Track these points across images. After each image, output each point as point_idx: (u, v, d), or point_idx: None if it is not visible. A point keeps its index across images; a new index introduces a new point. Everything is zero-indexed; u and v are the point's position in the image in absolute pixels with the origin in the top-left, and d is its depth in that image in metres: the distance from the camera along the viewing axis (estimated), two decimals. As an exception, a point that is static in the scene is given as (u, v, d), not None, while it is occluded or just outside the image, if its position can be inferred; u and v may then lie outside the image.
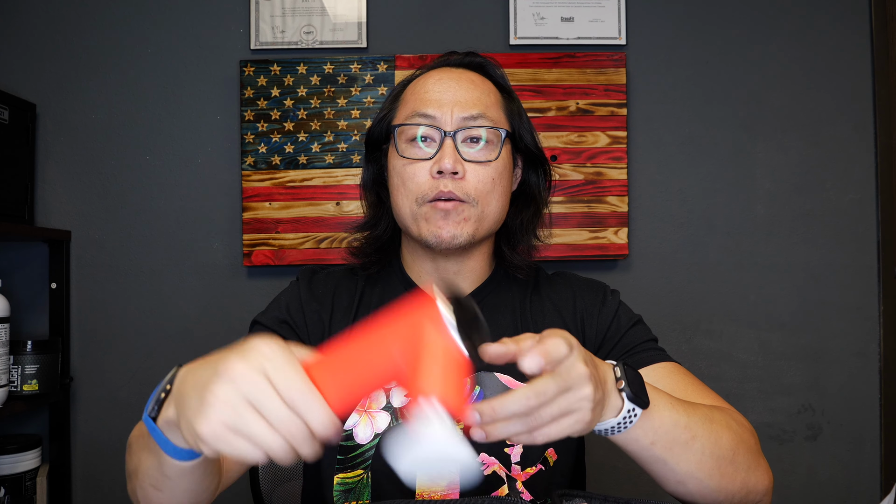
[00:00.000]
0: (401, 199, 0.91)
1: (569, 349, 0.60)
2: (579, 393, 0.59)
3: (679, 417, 0.69)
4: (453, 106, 0.89)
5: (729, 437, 0.73)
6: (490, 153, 0.90)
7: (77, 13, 1.85)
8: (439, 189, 0.87)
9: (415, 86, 0.94)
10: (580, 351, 0.61)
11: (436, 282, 0.96)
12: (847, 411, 1.85)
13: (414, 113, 0.90)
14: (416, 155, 0.90)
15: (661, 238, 1.87)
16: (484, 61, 0.97)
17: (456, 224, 0.88)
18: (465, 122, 0.89)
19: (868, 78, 1.88)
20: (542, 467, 0.88)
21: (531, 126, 0.98)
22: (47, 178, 1.83)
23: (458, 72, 0.94)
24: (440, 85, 0.91)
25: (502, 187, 0.92)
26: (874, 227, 1.87)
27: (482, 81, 0.94)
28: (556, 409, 0.58)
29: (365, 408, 0.88)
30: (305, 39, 1.86)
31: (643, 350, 0.90)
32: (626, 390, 0.65)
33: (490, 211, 0.90)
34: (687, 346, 1.86)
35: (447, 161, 0.86)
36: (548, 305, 0.96)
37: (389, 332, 0.53)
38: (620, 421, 0.65)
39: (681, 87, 1.88)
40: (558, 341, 0.60)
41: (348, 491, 0.87)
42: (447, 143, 0.88)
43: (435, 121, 0.89)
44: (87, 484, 1.82)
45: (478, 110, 0.90)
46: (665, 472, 0.70)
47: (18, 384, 1.61)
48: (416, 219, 0.90)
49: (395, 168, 0.92)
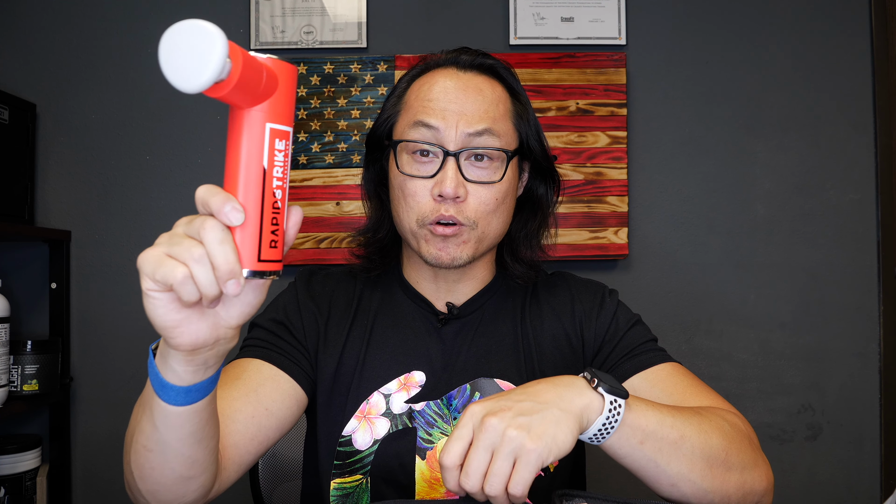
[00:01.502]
0: (402, 213, 0.88)
1: (467, 416, 0.64)
2: (491, 430, 0.61)
3: (664, 417, 0.69)
4: (458, 119, 0.85)
5: (720, 437, 0.72)
6: (494, 173, 0.86)
7: (77, 13, 1.85)
8: (440, 213, 0.85)
9: (419, 88, 0.90)
10: (485, 402, 0.65)
11: (435, 290, 0.95)
12: (847, 411, 1.85)
13: (417, 121, 0.86)
14: (418, 172, 0.86)
15: (661, 238, 1.87)
16: (495, 63, 0.91)
17: (456, 247, 0.86)
18: (469, 140, 0.85)
19: (868, 78, 1.88)
20: (542, 474, 0.88)
21: (540, 133, 0.94)
22: (47, 178, 1.83)
23: (467, 77, 0.89)
24: (446, 94, 0.87)
25: (506, 206, 0.89)
26: (874, 227, 1.87)
27: (491, 88, 0.89)
28: (482, 455, 0.61)
29: (364, 414, 0.87)
30: (305, 39, 1.86)
31: (642, 352, 0.89)
32: (602, 386, 0.66)
33: (491, 230, 0.89)
34: (687, 346, 1.86)
35: (448, 186, 0.83)
36: (546, 310, 0.95)
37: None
38: (607, 416, 0.65)
39: (681, 87, 1.88)
40: (452, 438, 0.64)
41: (346, 496, 0.87)
42: (449, 163, 0.84)
43: (437, 133, 0.85)
44: (87, 484, 1.82)
45: (484, 125, 0.85)
46: (657, 475, 0.70)
47: (18, 384, 1.61)
48: (415, 237, 0.88)
49: (396, 180, 0.89)
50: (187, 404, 0.58)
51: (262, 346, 0.87)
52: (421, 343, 0.91)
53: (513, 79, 0.93)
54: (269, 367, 0.85)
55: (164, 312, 0.51)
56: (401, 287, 0.97)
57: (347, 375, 0.89)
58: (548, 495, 0.88)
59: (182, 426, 0.60)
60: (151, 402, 0.59)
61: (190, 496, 0.67)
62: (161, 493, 0.65)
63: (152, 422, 0.60)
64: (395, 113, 0.92)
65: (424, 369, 0.89)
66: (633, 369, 0.87)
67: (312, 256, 1.81)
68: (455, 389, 0.89)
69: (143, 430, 0.61)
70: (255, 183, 0.50)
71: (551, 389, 0.66)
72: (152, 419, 0.60)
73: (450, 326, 0.93)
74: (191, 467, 0.64)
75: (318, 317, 0.92)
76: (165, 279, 0.49)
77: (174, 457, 0.62)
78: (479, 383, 0.89)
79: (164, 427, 0.60)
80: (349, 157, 1.83)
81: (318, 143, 1.83)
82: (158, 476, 0.64)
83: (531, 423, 0.62)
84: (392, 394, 0.88)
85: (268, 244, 0.51)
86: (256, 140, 0.50)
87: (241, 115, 0.49)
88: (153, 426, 0.60)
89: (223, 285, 0.50)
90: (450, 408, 0.88)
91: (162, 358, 0.57)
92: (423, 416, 0.87)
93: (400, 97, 0.93)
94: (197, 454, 0.63)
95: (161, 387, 0.57)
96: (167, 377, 0.57)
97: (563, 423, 0.63)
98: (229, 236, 0.50)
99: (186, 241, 0.50)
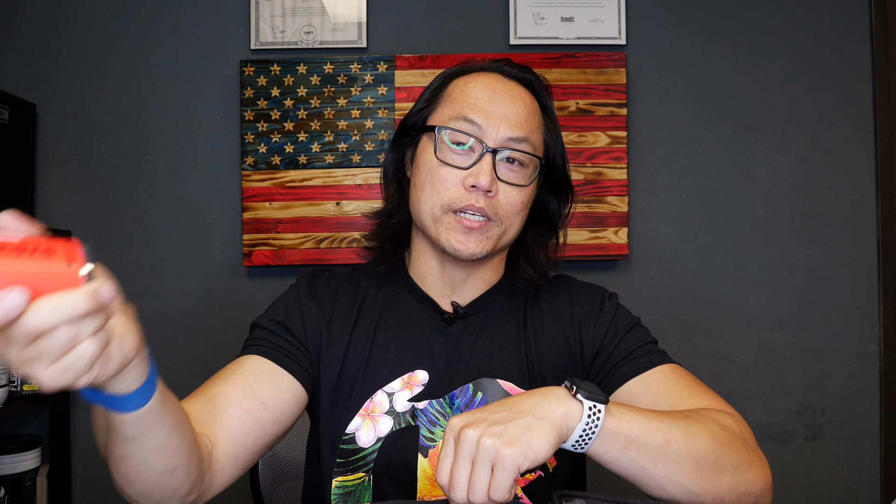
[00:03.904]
0: (425, 198, 0.90)
1: (448, 431, 0.66)
2: (468, 441, 0.63)
3: (649, 421, 0.70)
4: (501, 121, 0.88)
5: (709, 439, 0.72)
6: (524, 177, 0.90)
7: (77, 13, 1.85)
8: (470, 202, 0.86)
9: (464, 85, 0.92)
10: (463, 415, 0.67)
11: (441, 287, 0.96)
12: (847, 411, 1.85)
13: (460, 116, 0.89)
14: (453, 161, 0.88)
15: (661, 238, 1.87)
16: (534, 80, 0.95)
17: (477, 241, 0.88)
18: (509, 143, 0.88)
19: (868, 78, 1.88)
20: (542, 473, 0.88)
21: (564, 153, 0.97)
22: (47, 178, 1.83)
23: (511, 84, 0.92)
24: (492, 94, 0.89)
25: (526, 211, 0.92)
26: (874, 227, 1.87)
27: (531, 101, 0.92)
28: (462, 467, 0.63)
29: (368, 412, 0.88)
30: (305, 39, 1.86)
31: (640, 354, 0.90)
32: (580, 392, 0.67)
33: (511, 230, 0.91)
34: (687, 346, 1.86)
35: (483, 178, 0.85)
36: (546, 313, 0.96)
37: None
38: (587, 422, 0.66)
39: (681, 87, 1.88)
40: (440, 457, 0.66)
41: (348, 494, 0.87)
42: (486, 158, 0.87)
43: (480, 130, 0.88)
44: (87, 484, 1.82)
45: (523, 133, 0.88)
46: (644, 479, 0.70)
47: (18, 384, 1.61)
48: (436, 222, 0.89)
49: (428, 165, 0.90)
50: (153, 395, 0.59)
51: (261, 344, 0.88)
52: (425, 342, 0.92)
53: (548, 98, 0.97)
54: (266, 363, 0.85)
55: (82, 366, 0.49)
56: (406, 286, 0.97)
57: (352, 374, 0.90)
58: (548, 495, 0.88)
59: (154, 420, 0.61)
60: (114, 420, 0.59)
61: (180, 489, 0.68)
62: (152, 493, 0.67)
63: (122, 436, 0.61)
64: (432, 104, 0.94)
65: (428, 368, 0.90)
66: (631, 373, 0.88)
67: (312, 256, 1.81)
68: (458, 389, 0.89)
69: (114, 445, 0.63)
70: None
71: (528, 399, 0.68)
72: (122, 435, 0.61)
73: (454, 326, 0.93)
74: (172, 457, 0.65)
75: (321, 316, 0.93)
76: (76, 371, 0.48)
77: (153, 453, 0.63)
78: (481, 383, 0.90)
79: (139, 433, 0.61)
80: (349, 157, 1.83)
81: (318, 143, 1.83)
82: (144, 477, 0.65)
83: (505, 431, 0.63)
84: (395, 392, 0.89)
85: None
86: None
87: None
88: (125, 439, 0.61)
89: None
90: (452, 407, 0.89)
91: (111, 385, 0.56)
92: (425, 415, 0.88)
93: (437, 92, 0.95)
94: (174, 443, 0.65)
95: (120, 403, 0.57)
96: (125, 390, 0.57)
97: (537, 429, 0.64)
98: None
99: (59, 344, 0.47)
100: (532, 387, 0.90)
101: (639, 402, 0.85)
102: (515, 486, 0.63)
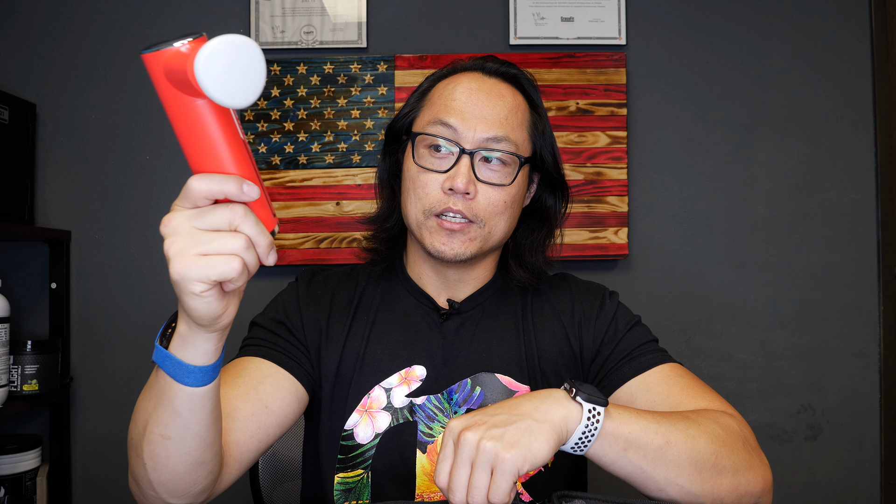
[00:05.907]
0: (410, 204, 0.91)
1: (447, 433, 0.66)
2: (467, 444, 0.63)
3: (648, 423, 0.70)
4: (477, 122, 0.88)
5: (709, 440, 0.73)
6: (505, 177, 0.89)
7: (77, 13, 1.85)
8: (448, 206, 0.87)
9: (444, 88, 0.92)
10: (463, 417, 0.67)
11: (437, 286, 0.96)
12: (847, 411, 1.85)
13: (436, 120, 0.89)
14: (431, 165, 0.89)
15: (661, 238, 1.87)
16: (519, 74, 0.94)
17: (461, 243, 0.88)
18: (485, 143, 0.88)
19: (868, 78, 1.88)
20: (542, 469, 0.88)
21: (555, 147, 0.96)
22: (47, 178, 1.83)
23: (491, 83, 0.91)
24: (468, 95, 0.89)
25: (513, 210, 0.92)
26: (874, 227, 1.87)
27: (513, 96, 0.92)
28: (462, 469, 0.63)
29: (366, 408, 0.88)
30: (305, 39, 1.86)
31: (641, 353, 0.90)
32: (580, 395, 0.67)
33: (497, 231, 0.91)
34: (687, 346, 1.86)
35: (460, 181, 0.85)
36: (548, 309, 0.97)
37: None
38: (586, 425, 0.66)
39: (681, 87, 1.88)
40: (439, 459, 0.66)
41: (348, 490, 0.88)
42: (463, 160, 0.87)
43: (456, 133, 0.88)
44: (87, 484, 1.82)
45: (502, 132, 0.88)
46: (644, 481, 0.70)
47: (18, 384, 1.61)
48: (420, 227, 0.90)
49: (409, 172, 0.91)
50: (212, 381, 0.61)
51: (262, 344, 0.88)
52: (422, 338, 0.92)
53: (534, 91, 0.96)
54: (268, 364, 0.85)
55: (214, 305, 0.54)
56: (403, 283, 0.98)
57: (349, 370, 0.90)
58: (546, 490, 0.89)
59: (204, 406, 0.62)
60: (170, 391, 0.60)
61: (200, 484, 0.68)
62: (174, 483, 0.66)
63: (173, 410, 0.61)
64: (417, 108, 0.94)
65: (425, 363, 0.90)
66: (632, 372, 0.88)
67: (312, 256, 1.81)
68: (456, 384, 0.90)
69: (159, 421, 0.62)
70: (245, 156, 0.52)
71: (528, 402, 0.68)
72: (173, 407, 0.61)
73: (451, 322, 0.94)
74: (206, 450, 0.66)
75: (320, 314, 0.93)
76: (224, 276, 0.51)
77: (192, 440, 0.64)
78: (480, 378, 0.90)
79: (189, 411, 0.61)
80: (349, 157, 1.83)
81: (318, 143, 1.83)
82: (175, 464, 0.65)
83: (504, 434, 0.63)
84: (393, 388, 0.89)
85: (271, 203, 0.55)
86: (228, 119, 0.51)
87: (204, 104, 0.51)
88: (174, 414, 0.61)
89: (265, 261, 0.53)
90: (450, 402, 0.89)
91: (185, 345, 0.58)
92: (423, 410, 0.88)
93: (423, 94, 0.95)
94: (211, 435, 0.65)
95: (186, 373, 0.59)
96: (193, 360, 0.58)
97: (536, 432, 0.64)
98: (255, 216, 0.52)
99: (223, 235, 0.51)
100: (531, 381, 0.91)
101: (639, 402, 0.85)
102: (515, 488, 0.63)
